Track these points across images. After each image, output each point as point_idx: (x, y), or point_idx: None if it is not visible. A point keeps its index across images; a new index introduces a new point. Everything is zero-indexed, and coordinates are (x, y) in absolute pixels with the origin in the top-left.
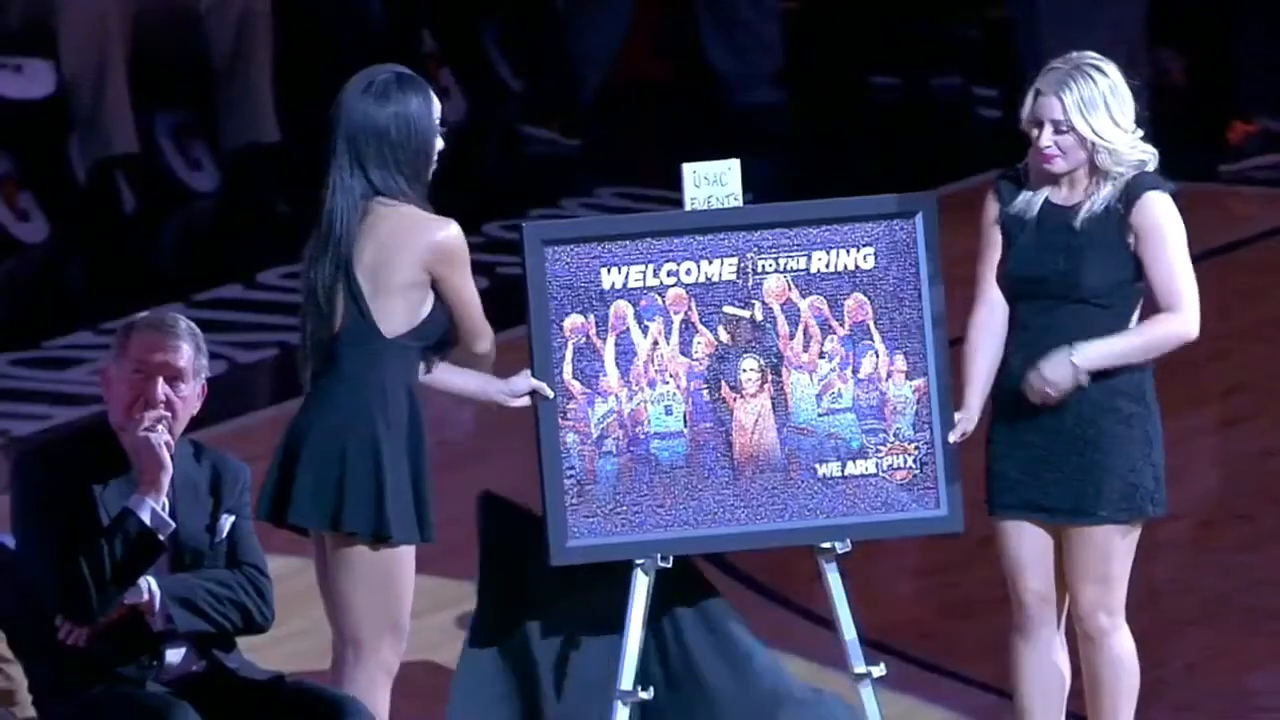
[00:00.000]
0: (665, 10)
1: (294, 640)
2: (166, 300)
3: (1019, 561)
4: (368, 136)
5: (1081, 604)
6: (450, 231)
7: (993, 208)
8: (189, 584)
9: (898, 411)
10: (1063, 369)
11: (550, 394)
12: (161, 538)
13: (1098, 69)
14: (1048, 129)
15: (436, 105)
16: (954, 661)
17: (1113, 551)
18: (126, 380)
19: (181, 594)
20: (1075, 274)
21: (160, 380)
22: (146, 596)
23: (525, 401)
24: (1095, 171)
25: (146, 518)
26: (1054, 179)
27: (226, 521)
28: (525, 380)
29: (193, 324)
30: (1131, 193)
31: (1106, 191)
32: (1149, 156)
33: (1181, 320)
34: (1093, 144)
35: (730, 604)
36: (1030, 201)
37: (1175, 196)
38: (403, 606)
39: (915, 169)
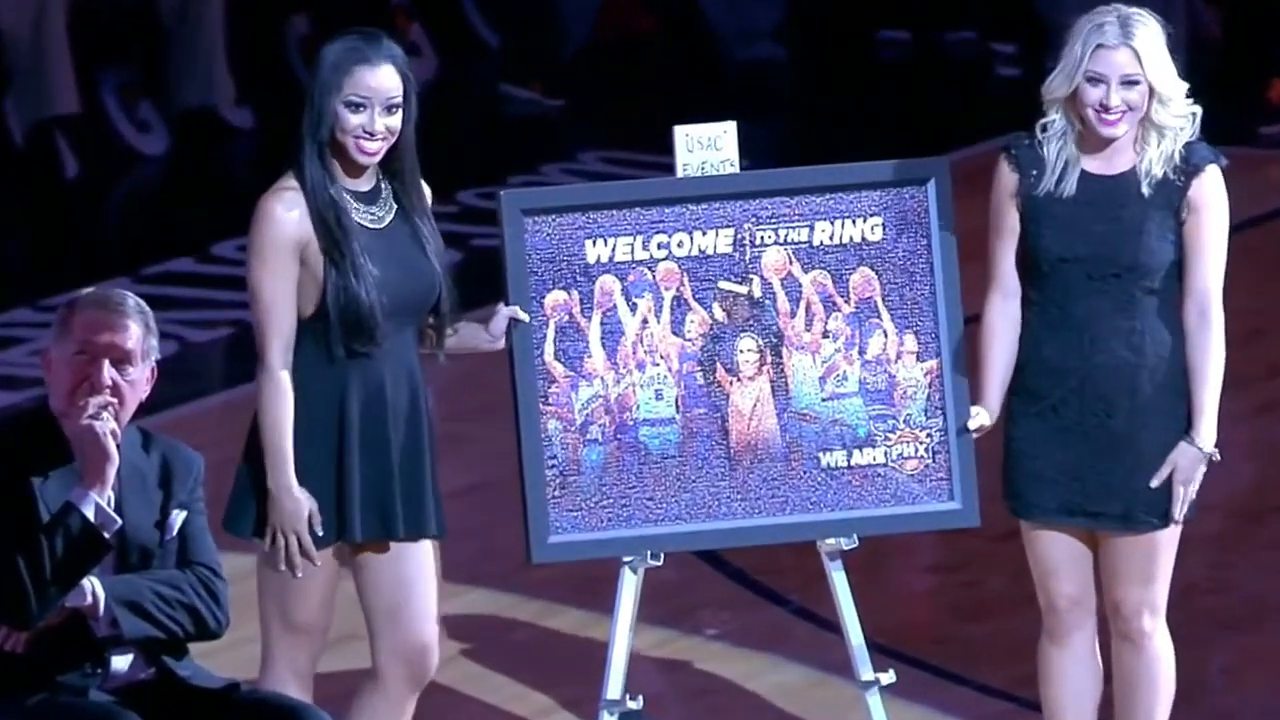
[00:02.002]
0: None
1: (250, 645)
2: (112, 274)
3: (1052, 564)
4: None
5: (1126, 605)
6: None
7: (1009, 179)
8: (136, 585)
9: (908, 396)
10: (1198, 465)
11: (526, 317)
12: (107, 535)
13: (1145, 15)
14: (1115, 85)
15: (359, 78)
16: (970, 668)
17: (1159, 550)
18: (69, 363)
19: (128, 596)
20: (1131, 252)
21: (106, 363)
22: (90, 599)
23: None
24: (1142, 133)
25: (90, 513)
26: (1099, 146)
27: (177, 517)
28: (501, 318)
29: (141, 301)
30: (1191, 163)
31: (1157, 156)
32: (1197, 110)
33: (1218, 331)
34: (1159, 98)
35: None
36: (1066, 174)
37: (1225, 173)
38: (301, 607)
39: (927, 132)
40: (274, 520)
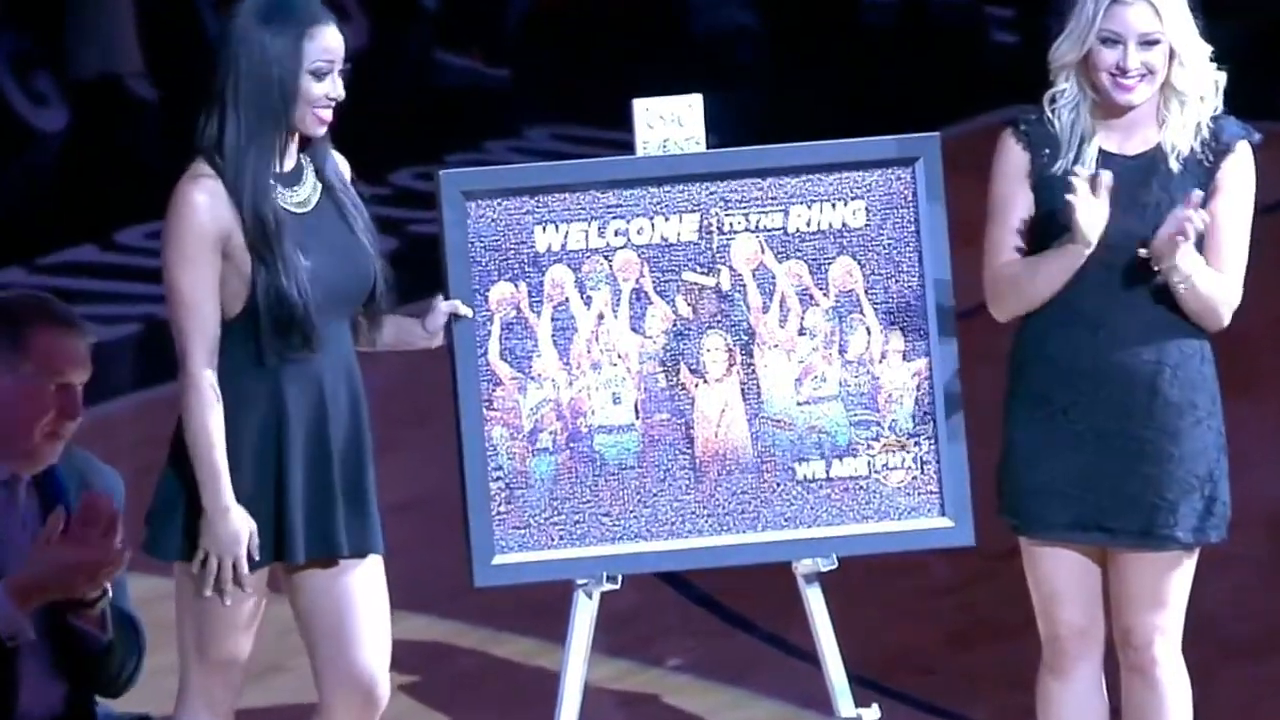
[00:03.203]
0: None
1: (161, 677)
2: (4, 264)
3: (1057, 588)
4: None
5: (1136, 632)
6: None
7: (1019, 159)
8: (122, 610)
9: (893, 400)
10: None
11: (468, 312)
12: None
13: None
14: (1133, 46)
15: (321, 40)
16: (962, 701)
17: (1176, 571)
18: (25, 386)
19: (118, 616)
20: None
21: (79, 391)
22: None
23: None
24: (1163, 101)
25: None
26: (1116, 117)
27: None
28: (439, 313)
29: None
30: (1222, 141)
31: (1180, 128)
32: (1220, 77)
33: (1231, 303)
34: (1180, 59)
35: None
36: (1081, 151)
37: (1256, 150)
38: (226, 637)
39: (915, 105)
40: (207, 543)
